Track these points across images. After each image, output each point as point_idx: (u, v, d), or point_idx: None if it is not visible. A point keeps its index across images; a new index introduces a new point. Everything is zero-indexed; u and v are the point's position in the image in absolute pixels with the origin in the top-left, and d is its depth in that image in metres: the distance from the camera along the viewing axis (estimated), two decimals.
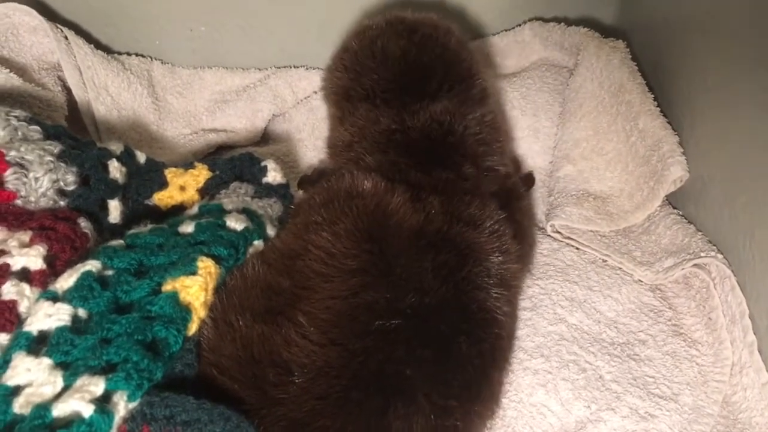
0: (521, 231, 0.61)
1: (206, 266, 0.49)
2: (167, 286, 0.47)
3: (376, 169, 0.57)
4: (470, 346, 0.47)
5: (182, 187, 0.63)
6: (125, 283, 0.46)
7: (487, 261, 0.52)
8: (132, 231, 0.54)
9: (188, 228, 0.53)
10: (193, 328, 0.46)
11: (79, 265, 0.47)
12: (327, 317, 0.46)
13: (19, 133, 0.55)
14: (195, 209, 0.59)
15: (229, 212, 0.56)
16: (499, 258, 0.53)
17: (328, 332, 0.45)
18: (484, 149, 0.60)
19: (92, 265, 0.47)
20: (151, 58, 0.91)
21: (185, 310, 0.46)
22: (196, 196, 0.63)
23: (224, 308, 0.48)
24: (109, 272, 0.47)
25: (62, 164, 0.54)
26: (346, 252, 0.49)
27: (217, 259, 0.50)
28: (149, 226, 0.55)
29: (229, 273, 0.51)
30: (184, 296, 0.46)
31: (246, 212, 0.57)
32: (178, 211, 0.61)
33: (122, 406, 0.39)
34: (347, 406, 0.43)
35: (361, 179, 0.55)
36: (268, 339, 0.45)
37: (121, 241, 0.51)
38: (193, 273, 0.48)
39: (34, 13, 0.77)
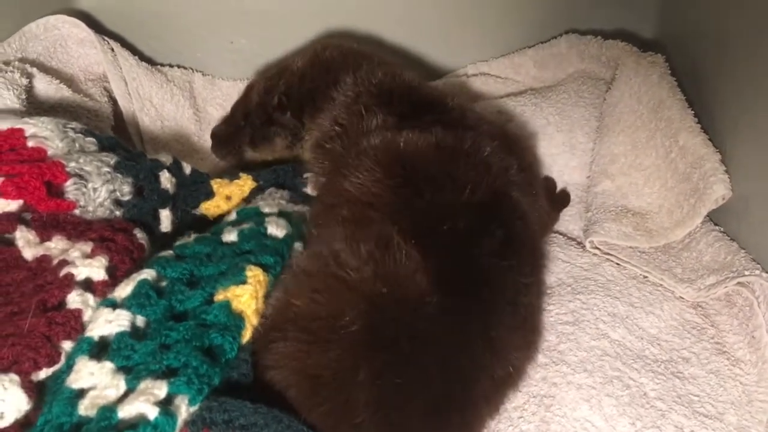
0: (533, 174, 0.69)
1: (255, 275, 0.50)
2: (219, 296, 0.48)
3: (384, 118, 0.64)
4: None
5: (228, 196, 0.64)
6: (179, 293, 0.48)
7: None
8: (179, 242, 0.55)
9: (231, 236, 0.54)
10: (246, 335, 0.47)
11: (135, 274, 0.48)
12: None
13: (77, 144, 0.57)
14: (233, 215, 0.60)
15: (268, 216, 0.57)
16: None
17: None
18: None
19: (148, 274, 0.48)
20: (192, 69, 0.93)
21: (238, 318, 0.47)
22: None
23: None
24: (164, 282, 0.48)
25: (118, 175, 0.55)
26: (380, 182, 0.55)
27: (264, 268, 0.51)
28: (193, 236, 0.56)
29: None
30: (236, 305, 0.47)
31: (283, 215, 0.58)
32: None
33: (184, 409, 0.39)
34: None
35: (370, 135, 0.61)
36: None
37: (171, 252, 0.53)
38: (243, 282, 0.49)
39: (83, 25, 0.79)
